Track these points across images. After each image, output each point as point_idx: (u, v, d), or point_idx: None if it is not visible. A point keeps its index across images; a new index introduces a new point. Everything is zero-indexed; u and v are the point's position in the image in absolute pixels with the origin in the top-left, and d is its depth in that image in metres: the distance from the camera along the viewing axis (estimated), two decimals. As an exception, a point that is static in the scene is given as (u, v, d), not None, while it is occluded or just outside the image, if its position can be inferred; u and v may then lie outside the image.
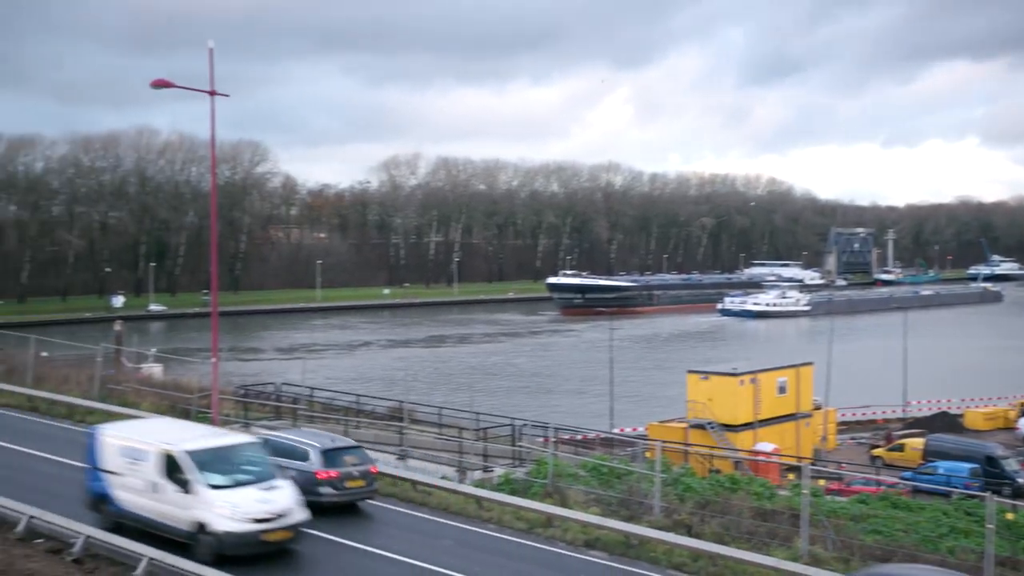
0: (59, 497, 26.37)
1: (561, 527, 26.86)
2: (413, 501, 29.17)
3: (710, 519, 27.63)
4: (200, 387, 41.70)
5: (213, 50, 35.13)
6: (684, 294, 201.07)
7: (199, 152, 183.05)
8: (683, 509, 28.44)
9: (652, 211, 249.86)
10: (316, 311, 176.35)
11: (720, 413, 58.91)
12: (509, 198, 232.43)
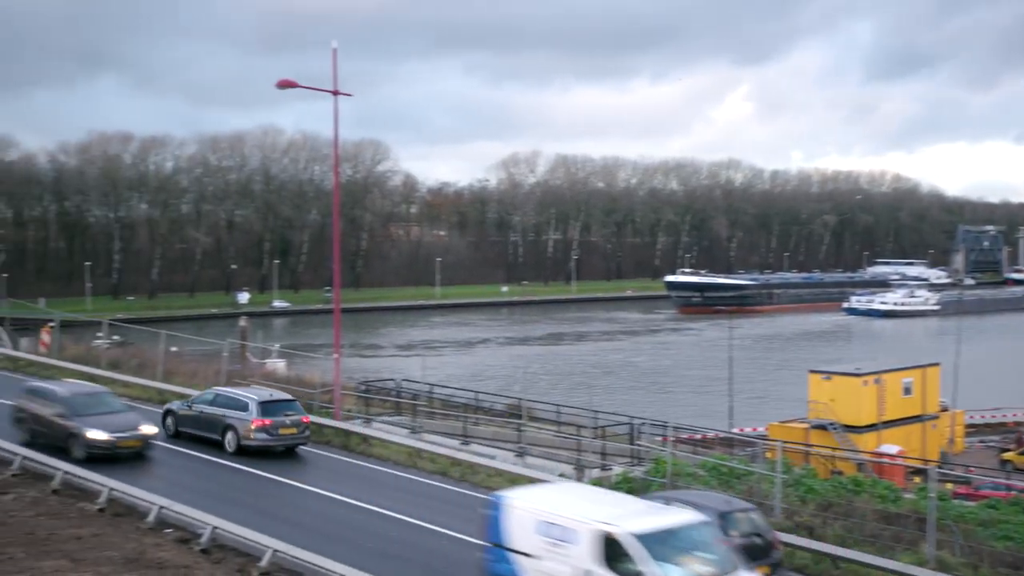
0: (189, 488, 27.07)
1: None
2: (531, 498, 29.23)
3: (832, 521, 27.14)
4: (322, 382, 42.33)
5: (336, 50, 35.65)
6: (805, 293, 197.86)
7: (322, 151, 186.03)
8: (804, 511, 27.99)
9: (773, 209, 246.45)
10: (435, 308, 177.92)
11: (843, 414, 57.83)
12: (628, 196, 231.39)
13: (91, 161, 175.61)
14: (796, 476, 31.49)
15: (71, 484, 26.87)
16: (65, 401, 30.40)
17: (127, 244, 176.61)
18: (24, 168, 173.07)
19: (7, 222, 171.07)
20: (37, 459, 28.21)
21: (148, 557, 21.90)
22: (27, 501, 25.63)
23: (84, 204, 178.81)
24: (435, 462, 32.30)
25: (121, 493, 25.60)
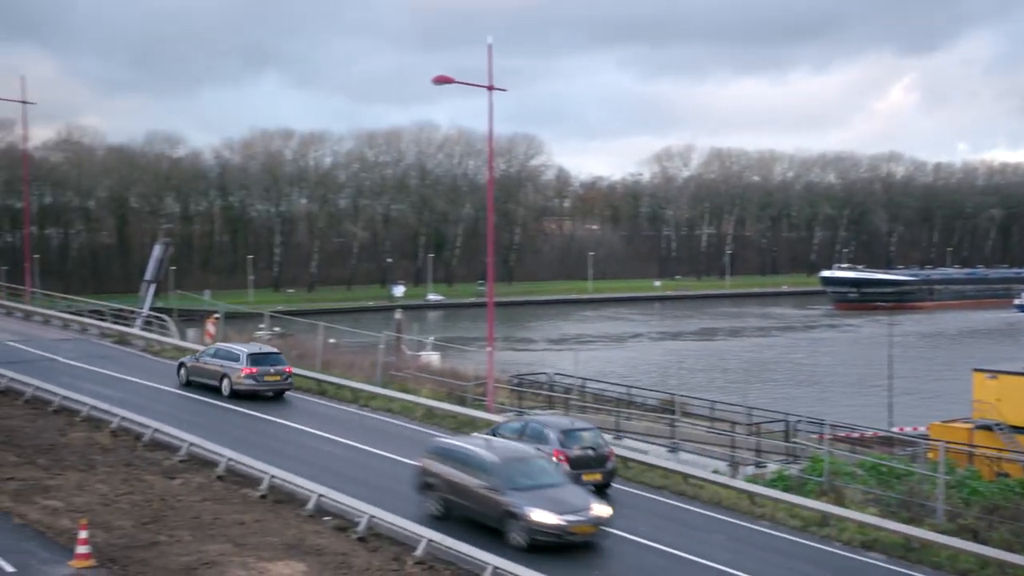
0: (346, 478, 27.65)
1: (837, 527, 26.17)
2: (684, 494, 29.06)
3: (999, 525, 26.29)
4: (476, 375, 42.80)
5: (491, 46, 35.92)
6: (968, 289, 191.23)
7: (476, 146, 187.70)
8: (968, 513, 27.18)
9: (935, 202, 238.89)
10: (587, 302, 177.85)
11: (1010, 414, 55.78)
12: (784, 189, 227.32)
13: (254, 157, 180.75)
14: (959, 478, 30.61)
15: (234, 471, 27.72)
16: (495, 469, 24.02)
17: (287, 238, 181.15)
18: (191, 164, 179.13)
19: (175, 216, 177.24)
20: (203, 445, 29.15)
21: (307, 543, 22.45)
22: (194, 486, 26.54)
23: (247, 199, 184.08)
24: (587, 456, 32.27)
25: (282, 481, 26.30)
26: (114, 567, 20.28)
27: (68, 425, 32.78)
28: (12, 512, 23.35)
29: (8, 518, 23.02)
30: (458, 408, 37.10)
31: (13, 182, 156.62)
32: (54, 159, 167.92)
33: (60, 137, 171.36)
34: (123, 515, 23.62)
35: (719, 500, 28.53)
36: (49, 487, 25.47)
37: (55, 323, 55.37)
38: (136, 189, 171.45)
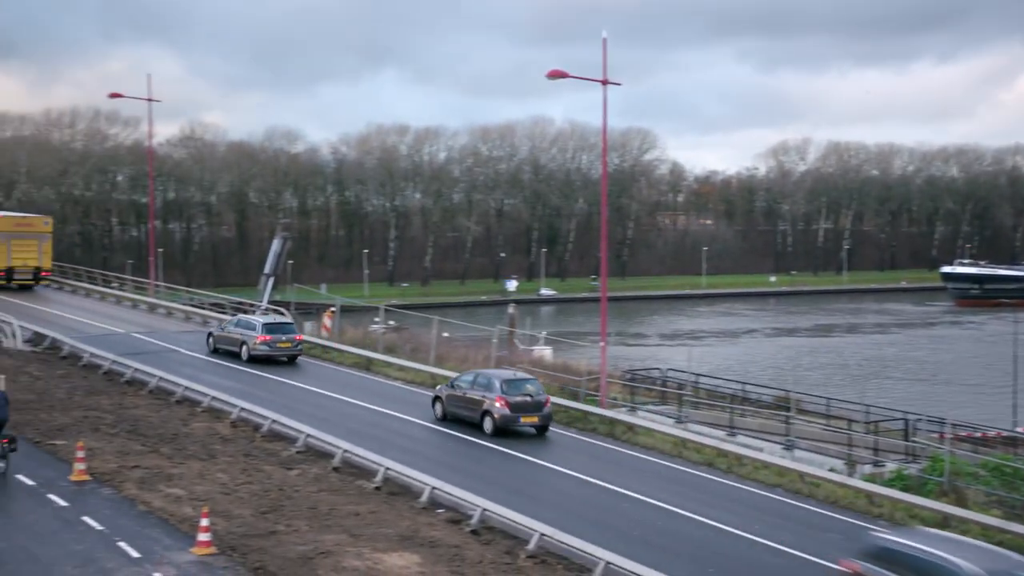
0: (459, 471, 27.87)
1: (958, 529, 25.54)
2: (800, 493, 28.70)
3: None
4: (588, 370, 42.68)
5: (606, 40, 35.80)
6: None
7: (590, 140, 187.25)
8: (1098, 517, 26.35)
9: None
10: (701, 298, 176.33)
11: None
12: (904, 183, 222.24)
13: (370, 152, 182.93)
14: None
15: (350, 462, 28.13)
16: None
17: (402, 232, 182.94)
18: (309, 160, 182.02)
19: (293, 211, 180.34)
20: (320, 437, 29.64)
21: (421, 535, 22.69)
22: (310, 477, 27.00)
23: (363, 194, 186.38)
24: (701, 452, 32.10)
25: (396, 473, 26.62)
26: (234, 555, 20.74)
27: (190, 415, 33.61)
28: (137, 499, 24.03)
29: (133, 505, 23.69)
30: (571, 403, 37.14)
31: (139, 178, 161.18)
32: (178, 155, 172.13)
33: (183, 134, 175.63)
34: (242, 504, 24.14)
35: (835, 499, 28.11)
36: (172, 475, 26.15)
37: (177, 315, 56.80)
38: (255, 184, 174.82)
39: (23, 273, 61.79)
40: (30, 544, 20.77)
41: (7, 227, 62.94)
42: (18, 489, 24.55)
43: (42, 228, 64.22)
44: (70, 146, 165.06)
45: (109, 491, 24.70)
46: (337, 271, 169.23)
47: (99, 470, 26.05)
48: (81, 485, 25.05)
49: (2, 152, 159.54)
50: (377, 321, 61.00)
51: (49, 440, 29.06)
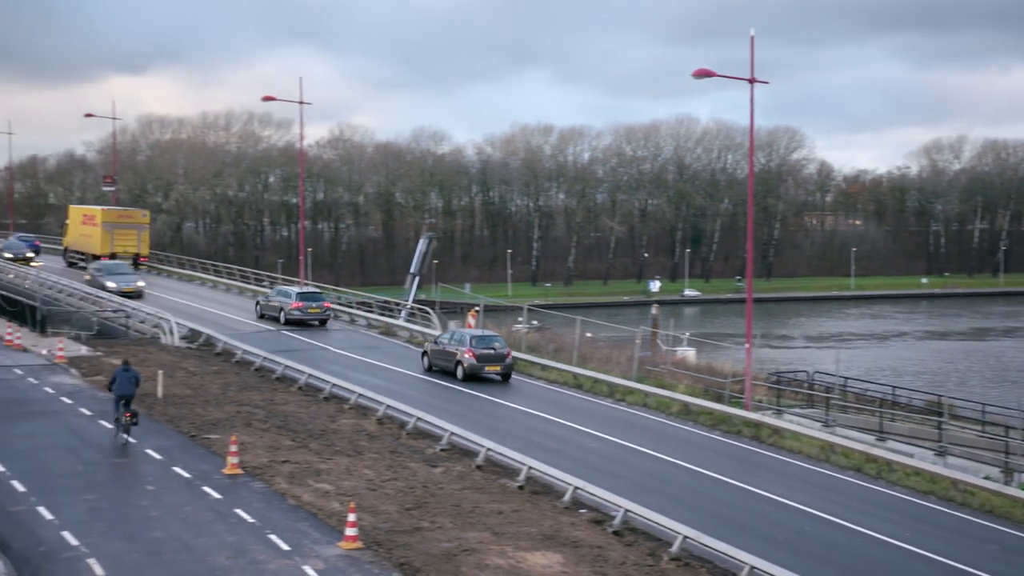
0: (602, 471, 27.85)
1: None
2: (953, 500, 27.87)
3: None
4: (733, 372, 42.26)
5: (754, 38, 35.38)
6: None
7: (735, 139, 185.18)
8: None
9: None
10: (849, 299, 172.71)
11: None
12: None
13: (514, 152, 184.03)
14: None
15: (493, 461, 28.34)
16: None
17: (545, 232, 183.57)
18: (454, 160, 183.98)
19: (438, 211, 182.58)
20: (464, 435, 29.94)
21: (564, 535, 22.73)
22: (454, 475, 27.28)
23: (507, 194, 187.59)
24: (849, 457, 31.43)
25: (539, 472, 26.72)
26: (380, 550, 21.08)
27: (338, 412, 34.29)
28: (287, 493, 24.61)
29: (283, 499, 24.28)
30: (715, 405, 36.76)
31: (290, 179, 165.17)
32: (327, 157, 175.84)
33: (333, 135, 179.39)
34: (388, 500, 24.52)
35: (991, 508, 27.22)
36: (320, 471, 26.71)
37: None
38: (402, 185, 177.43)
39: (124, 258, 69.00)
40: (186, 534, 21.46)
41: (111, 219, 72.29)
42: (175, 481, 25.38)
43: (141, 220, 74.51)
44: (225, 148, 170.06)
45: (260, 485, 25.35)
46: (481, 271, 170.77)
47: (251, 464, 26.76)
48: (234, 478, 25.77)
49: (161, 154, 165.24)
50: (520, 321, 61.38)
51: (204, 434, 29.97)
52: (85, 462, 26.80)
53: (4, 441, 28.57)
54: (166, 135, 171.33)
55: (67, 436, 29.55)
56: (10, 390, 35.85)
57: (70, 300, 55.33)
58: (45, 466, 26.24)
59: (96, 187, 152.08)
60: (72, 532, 21.25)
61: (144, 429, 30.14)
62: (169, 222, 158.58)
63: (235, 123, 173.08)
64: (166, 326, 46.96)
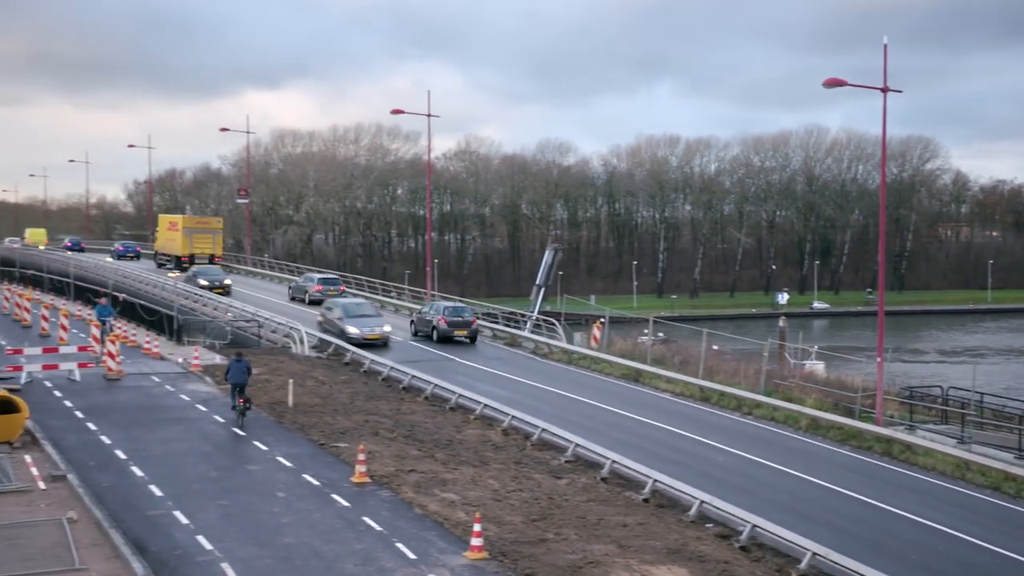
0: (728, 485, 27.54)
1: None
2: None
3: None
4: (863, 386, 41.39)
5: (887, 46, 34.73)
6: None
7: (867, 149, 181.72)
8: None
9: None
10: (986, 313, 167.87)
11: None
12: None
13: (640, 164, 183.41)
14: None
15: (618, 473, 28.24)
16: None
17: (671, 244, 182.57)
18: (580, 172, 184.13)
19: (563, 223, 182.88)
20: (589, 447, 29.89)
21: (689, 549, 22.53)
22: (579, 487, 27.25)
23: (632, 205, 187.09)
24: (986, 475, 30.51)
25: (665, 486, 26.54)
26: (505, 560, 21.16)
27: (463, 422, 34.54)
28: (413, 503, 24.87)
29: (410, 508, 24.54)
30: (845, 420, 36.05)
31: (417, 191, 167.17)
32: (454, 168, 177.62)
33: (460, 148, 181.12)
34: (513, 511, 24.61)
35: None
36: (446, 480, 26.93)
37: (452, 324, 58.49)
38: (527, 196, 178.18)
39: (201, 258, 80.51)
40: (315, 541, 21.84)
41: (190, 224, 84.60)
42: (305, 488, 25.85)
43: (215, 226, 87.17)
44: (354, 161, 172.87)
45: (387, 493, 25.67)
46: (606, 282, 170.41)
47: (378, 473, 27.12)
48: (362, 487, 26.15)
49: (293, 167, 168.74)
50: (646, 333, 61.00)
51: (333, 443, 30.49)
52: (219, 468, 27.49)
53: (142, 447, 29.47)
54: (297, 148, 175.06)
55: (201, 442, 30.35)
56: (148, 397, 36.98)
57: (204, 310, 56.87)
58: (181, 471, 26.99)
59: (230, 199, 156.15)
60: (206, 536, 21.80)
61: (275, 437, 30.85)
62: (300, 234, 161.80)
63: (364, 136, 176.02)
64: (296, 336, 47.92)
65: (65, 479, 25.25)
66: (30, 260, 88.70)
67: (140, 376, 40.60)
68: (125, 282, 68.91)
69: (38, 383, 38.30)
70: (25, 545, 20.49)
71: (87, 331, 49.07)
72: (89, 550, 20.36)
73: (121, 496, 24.63)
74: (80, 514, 22.52)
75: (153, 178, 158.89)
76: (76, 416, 33.38)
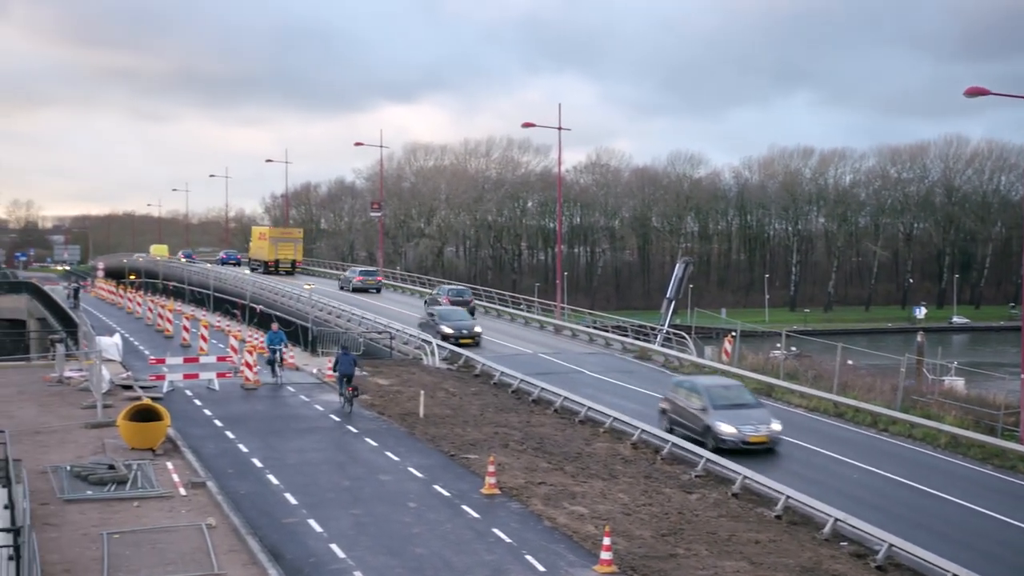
0: (863, 503, 26.97)
1: None
2: None
3: None
4: (1006, 404, 40.14)
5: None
6: None
7: (1010, 160, 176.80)
8: None
9: None
10: None
11: None
12: None
13: (772, 176, 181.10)
14: None
15: (750, 489, 27.86)
16: None
17: (804, 257, 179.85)
18: (711, 184, 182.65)
19: (694, 235, 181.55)
20: (719, 462, 29.57)
21: (823, 568, 22.11)
22: (710, 502, 26.97)
23: (764, 218, 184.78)
24: None
25: (797, 502, 26.09)
26: (634, 575, 21.05)
27: (593, 435, 34.48)
28: (543, 515, 24.91)
29: (539, 520, 24.58)
30: (986, 438, 34.96)
31: (547, 204, 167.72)
32: (584, 182, 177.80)
33: (590, 160, 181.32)
34: (643, 525, 24.47)
35: None
36: (575, 493, 26.91)
37: (582, 337, 58.50)
38: (657, 209, 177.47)
39: (284, 263, 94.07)
40: (446, 552, 22.02)
41: (276, 235, 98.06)
42: (436, 499, 26.10)
43: (296, 235, 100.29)
44: (485, 174, 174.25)
45: (517, 505, 25.76)
46: (737, 296, 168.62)
47: (508, 485, 27.23)
48: (491, 498, 26.28)
49: (425, 181, 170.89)
50: (778, 347, 60.17)
51: (463, 454, 30.72)
52: (352, 477, 27.91)
53: (278, 455, 30.11)
54: (430, 162, 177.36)
55: (335, 452, 30.87)
56: (284, 407, 37.79)
57: (338, 322, 57.89)
58: (315, 480, 27.48)
59: (363, 212, 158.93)
60: (339, 545, 22.15)
61: (407, 448, 31.25)
62: (431, 246, 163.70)
63: (495, 149, 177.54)
64: (428, 347, 48.44)
65: (205, 486, 25.92)
66: (172, 272, 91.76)
67: (276, 387, 41.49)
68: (262, 294, 70.65)
69: (179, 392, 39.46)
70: (166, 549, 21.10)
71: (225, 341, 50.34)
72: (227, 556, 20.87)
73: (258, 503, 25.19)
74: (219, 520, 23.11)
75: (289, 192, 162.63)
76: (215, 424, 34.28)
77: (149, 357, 44.96)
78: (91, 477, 26.04)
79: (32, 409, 35.39)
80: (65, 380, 40.65)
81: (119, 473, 26.30)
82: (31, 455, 28.15)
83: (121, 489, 25.51)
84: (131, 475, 26.36)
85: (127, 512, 23.82)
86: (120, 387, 38.91)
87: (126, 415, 29.75)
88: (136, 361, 46.86)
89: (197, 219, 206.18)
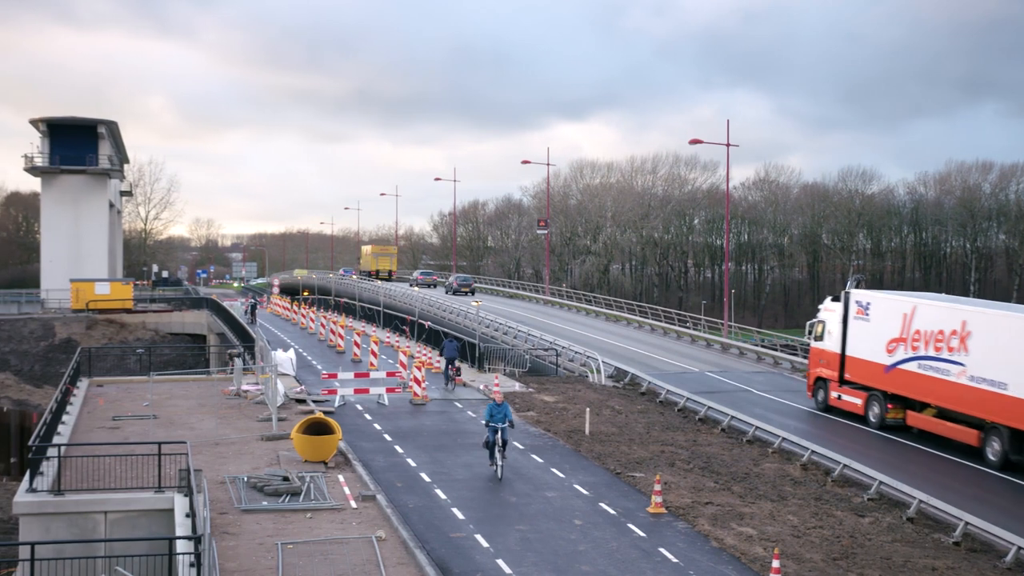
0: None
1: None
2: None
3: None
4: None
5: None
6: None
7: None
8: None
9: None
10: None
11: None
12: None
13: (949, 191, 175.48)
14: None
15: (925, 513, 26.99)
16: None
17: (982, 275, 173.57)
18: (884, 200, 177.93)
19: (866, 253, 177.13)
20: (894, 485, 28.74)
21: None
22: (883, 526, 26.23)
23: (941, 234, 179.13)
24: None
25: (978, 528, 25.16)
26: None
27: (761, 456, 33.92)
28: (710, 535, 24.61)
29: (707, 541, 24.29)
30: None
31: (714, 221, 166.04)
32: (752, 198, 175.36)
33: (759, 177, 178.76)
34: (813, 548, 23.95)
35: None
36: (743, 514, 26.51)
37: (749, 356, 57.66)
38: (828, 226, 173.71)
39: (383, 272, 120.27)
40: (612, 570, 21.93)
41: (377, 250, 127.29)
42: (601, 517, 26.04)
43: (392, 251, 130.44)
44: (651, 191, 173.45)
45: (683, 525, 25.51)
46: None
47: (674, 504, 27.00)
48: (657, 517, 26.09)
49: (591, 198, 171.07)
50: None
51: (629, 472, 30.58)
52: (518, 494, 28.07)
53: (446, 470, 30.49)
54: (596, 179, 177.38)
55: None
56: (451, 422, 38.27)
57: (505, 338, 58.35)
58: (481, 496, 27.74)
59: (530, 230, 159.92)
60: (506, 560, 22.29)
61: (572, 465, 31.30)
62: (597, 264, 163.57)
63: (662, 166, 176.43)
64: (593, 365, 48.45)
65: (374, 499, 26.42)
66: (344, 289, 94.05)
67: (444, 402, 42.09)
68: (430, 311, 71.75)
69: (350, 406, 40.38)
70: (338, 561, 21.56)
71: (395, 357, 51.28)
72: (396, 568, 21.21)
73: (425, 517, 25.55)
74: (388, 533, 23.51)
75: (457, 209, 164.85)
76: (384, 439, 34.93)
77: (322, 372, 46.15)
78: (266, 488, 26.83)
79: (211, 421, 36.66)
80: (242, 393, 42.04)
81: (293, 485, 27.02)
82: (211, 466, 29.17)
83: (295, 500, 26.21)
84: (304, 487, 27.06)
85: (300, 523, 24.45)
86: (294, 401, 40.07)
87: (300, 428, 30.58)
88: (309, 376, 48.18)
89: (367, 236, 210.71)
